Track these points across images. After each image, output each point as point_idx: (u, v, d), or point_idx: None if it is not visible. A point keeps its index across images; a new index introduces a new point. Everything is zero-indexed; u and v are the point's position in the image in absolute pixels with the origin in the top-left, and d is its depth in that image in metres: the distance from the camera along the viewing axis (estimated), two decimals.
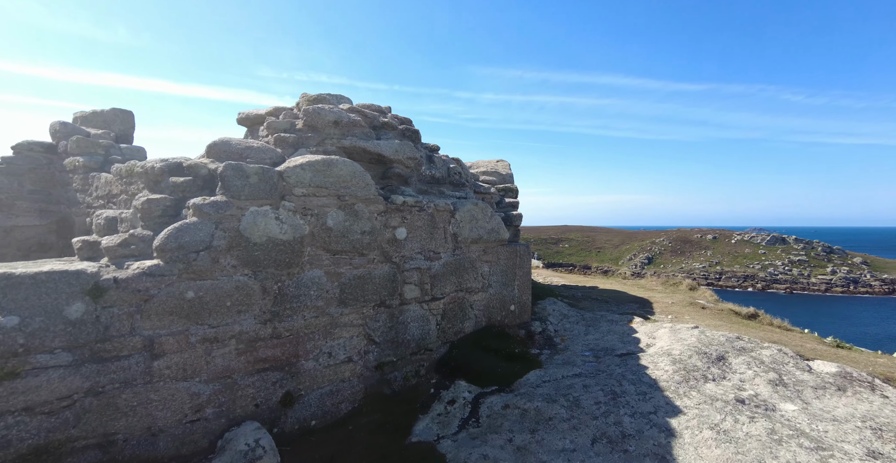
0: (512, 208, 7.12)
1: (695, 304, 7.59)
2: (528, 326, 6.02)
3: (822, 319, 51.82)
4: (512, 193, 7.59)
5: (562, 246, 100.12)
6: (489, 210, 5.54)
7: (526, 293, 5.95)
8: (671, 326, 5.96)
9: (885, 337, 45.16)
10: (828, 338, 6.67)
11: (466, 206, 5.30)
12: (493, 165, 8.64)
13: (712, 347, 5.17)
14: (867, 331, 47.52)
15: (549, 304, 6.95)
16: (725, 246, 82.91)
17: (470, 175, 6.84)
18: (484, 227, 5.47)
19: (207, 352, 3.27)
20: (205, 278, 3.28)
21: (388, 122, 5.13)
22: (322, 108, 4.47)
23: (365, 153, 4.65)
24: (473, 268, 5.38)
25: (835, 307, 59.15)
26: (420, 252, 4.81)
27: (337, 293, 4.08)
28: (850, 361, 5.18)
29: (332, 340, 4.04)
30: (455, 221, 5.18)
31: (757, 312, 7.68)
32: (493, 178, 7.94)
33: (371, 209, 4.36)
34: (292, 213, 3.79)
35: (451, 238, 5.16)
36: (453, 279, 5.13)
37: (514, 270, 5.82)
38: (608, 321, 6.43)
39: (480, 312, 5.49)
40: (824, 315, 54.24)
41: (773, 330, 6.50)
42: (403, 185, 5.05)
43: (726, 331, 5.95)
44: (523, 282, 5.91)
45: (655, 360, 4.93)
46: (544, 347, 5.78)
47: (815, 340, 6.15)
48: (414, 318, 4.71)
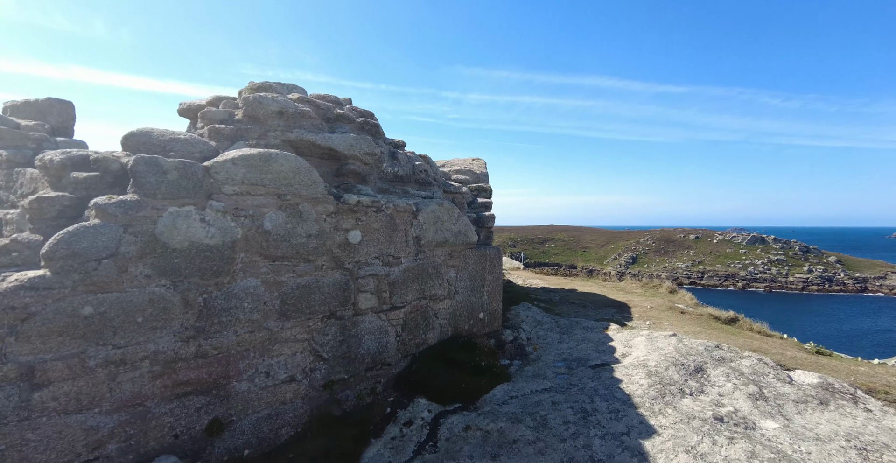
0: (484, 209, 6.75)
1: (674, 308, 7.35)
2: (499, 335, 5.65)
3: (800, 317, 53.23)
4: (485, 193, 7.22)
5: (548, 246, 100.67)
6: (455, 211, 5.15)
7: (496, 300, 5.58)
8: (648, 333, 5.67)
9: (858, 333, 46.59)
10: (808, 343, 6.49)
11: (430, 206, 4.90)
12: (468, 164, 8.27)
13: (690, 357, 4.89)
14: (842, 328, 48.94)
15: (522, 309, 6.61)
16: (707, 245, 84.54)
17: (440, 174, 6.44)
18: (450, 230, 5.08)
19: (111, 377, 2.79)
20: (109, 290, 2.80)
21: (343, 115, 4.69)
22: (264, 97, 4.01)
23: (314, 148, 4.20)
24: (438, 273, 4.99)
25: (811, 305, 60.83)
26: (377, 257, 4.39)
27: (277, 305, 3.63)
28: (830, 370, 4.97)
29: (271, 357, 3.59)
30: (418, 223, 4.77)
31: (737, 316, 7.49)
32: (467, 177, 7.56)
33: (319, 210, 3.92)
34: (221, 215, 3.33)
35: (414, 241, 4.75)
36: (415, 286, 4.73)
37: (484, 274, 5.44)
38: (583, 328, 6.11)
39: (446, 321, 5.10)
40: (802, 313, 55.72)
41: (752, 336, 6.29)
42: (360, 183, 4.62)
43: (705, 338, 5.69)
44: (493, 288, 5.54)
45: (630, 372, 4.62)
46: (515, 357, 5.42)
47: (796, 347, 5.95)
48: (370, 330, 4.29)
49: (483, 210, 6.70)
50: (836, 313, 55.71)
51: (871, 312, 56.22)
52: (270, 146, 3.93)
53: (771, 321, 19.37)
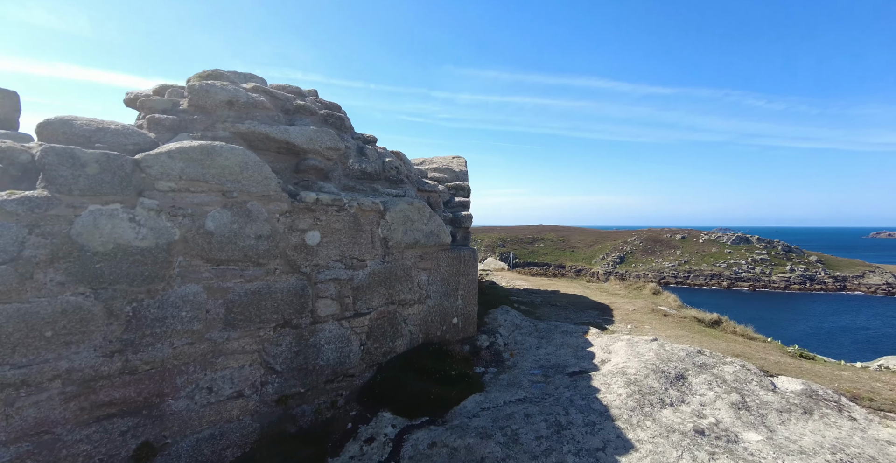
0: (462, 208, 6.48)
1: (657, 310, 7.18)
2: (474, 341, 5.38)
3: (783, 315, 54.37)
4: (463, 192, 6.95)
5: (537, 245, 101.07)
6: (427, 210, 4.86)
7: (471, 304, 5.31)
8: (629, 338, 5.46)
9: (838, 330, 47.73)
10: (791, 347, 6.37)
11: (399, 205, 4.59)
12: (447, 162, 7.98)
13: (671, 363, 4.68)
14: (822, 325, 50.11)
15: (500, 313, 6.35)
16: (693, 245, 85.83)
17: (414, 171, 6.14)
18: (421, 230, 4.78)
19: (9, 402, 2.43)
20: (7, 301, 2.43)
21: (304, 106, 4.36)
22: (212, 86, 3.66)
23: (268, 141, 3.87)
24: (408, 277, 4.69)
25: (794, 304, 62.18)
26: (339, 260, 4.07)
27: (222, 313, 3.29)
28: (814, 375, 4.81)
29: (215, 371, 3.25)
30: (385, 223, 4.47)
31: (720, 318, 7.35)
32: (445, 175, 7.28)
33: (271, 209, 3.58)
34: (155, 214, 2.98)
35: (381, 243, 4.44)
36: (382, 291, 4.42)
37: (458, 277, 5.16)
38: (562, 333, 5.88)
39: (416, 327, 4.80)
40: (785, 311, 56.93)
41: (736, 339, 6.13)
42: (322, 180, 4.29)
43: (687, 343, 5.50)
44: (468, 291, 5.26)
45: (609, 380, 4.39)
46: (490, 364, 5.16)
47: (779, 351, 5.80)
48: (330, 338, 3.97)
49: (460, 209, 6.42)
50: (817, 312, 57.06)
51: (850, 310, 57.72)
52: (219, 139, 3.58)
53: (755, 320, 19.45)
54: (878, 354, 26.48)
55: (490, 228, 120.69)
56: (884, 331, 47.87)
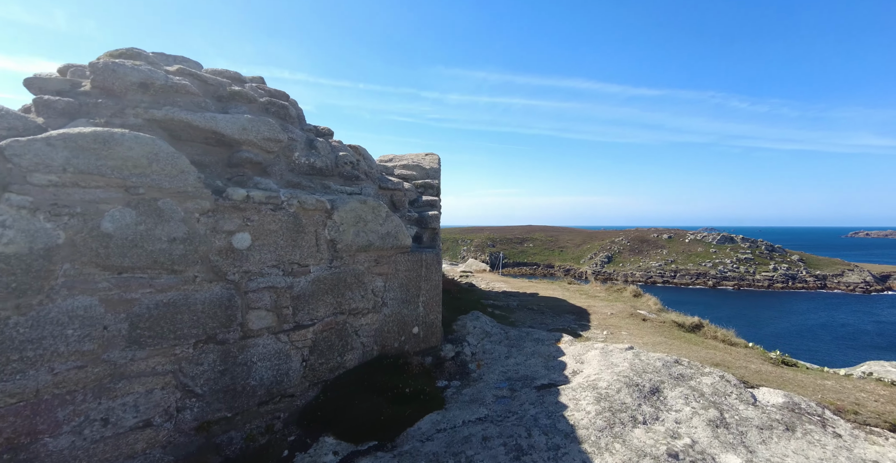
0: (429, 208, 6.05)
1: (635, 315, 6.87)
2: (438, 352, 4.96)
3: (766, 313, 55.38)
4: (432, 190, 6.53)
5: (526, 245, 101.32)
6: (383, 209, 4.42)
7: (434, 311, 4.89)
8: (603, 346, 5.11)
9: (819, 326, 48.75)
10: (773, 352, 6.10)
11: (350, 203, 4.15)
12: (418, 159, 7.56)
13: (646, 375, 4.33)
14: (805, 322, 51.16)
15: (470, 319, 5.95)
16: (680, 245, 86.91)
17: (377, 167, 5.70)
18: (376, 231, 4.35)
19: None
20: None
21: (240, 92, 3.89)
22: (120, 65, 3.17)
23: (192, 130, 3.39)
24: (360, 283, 4.25)
25: (777, 302, 63.40)
26: (276, 265, 3.61)
27: (125, 329, 2.81)
28: (796, 385, 4.51)
29: (113, 398, 2.76)
30: (333, 224, 4.02)
31: (701, 322, 7.07)
32: (413, 172, 6.85)
33: (189, 207, 3.11)
34: (28, 213, 2.49)
35: (328, 245, 3.99)
36: (329, 299, 3.97)
37: (419, 283, 4.74)
38: (534, 340, 5.50)
39: (370, 338, 4.36)
40: (768, 309, 58.03)
41: (716, 345, 5.83)
42: (261, 175, 3.83)
43: (665, 350, 5.18)
44: (431, 297, 4.85)
45: (578, 395, 4.01)
46: (455, 377, 4.75)
47: (760, 357, 5.52)
48: (264, 355, 3.50)
49: (427, 209, 6.00)
50: (798, 310, 58.32)
51: (830, 308, 59.12)
52: (129, 126, 3.09)
53: (739, 318, 19.37)
54: (857, 350, 27.03)
55: (480, 228, 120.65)
56: (861, 327, 49.07)
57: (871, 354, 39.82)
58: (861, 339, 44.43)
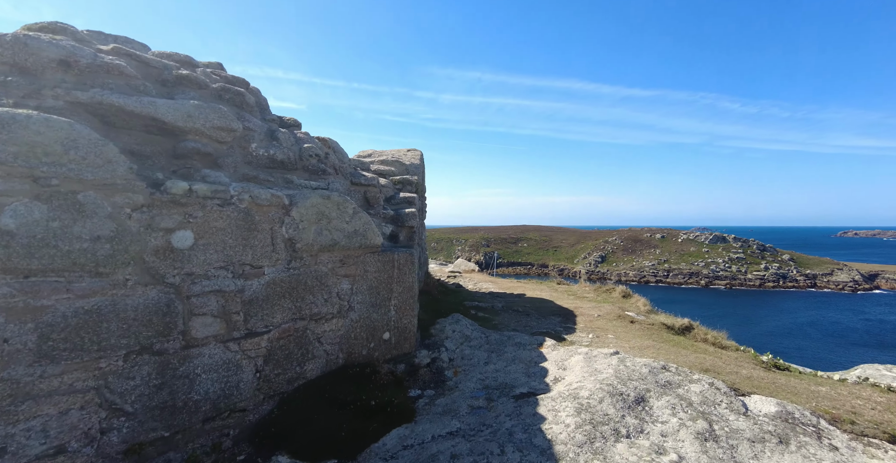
0: (407, 205, 5.74)
1: (623, 316, 6.61)
2: (412, 358, 4.65)
3: (758, 312, 55.88)
4: (410, 187, 6.21)
5: (521, 245, 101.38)
6: (349, 206, 4.10)
7: (408, 315, 4.58)
8: (587, 351, 4.83)
9: (808, 324, 49.26)
10: (765, 355, 5.87)
11: (311, 199, 3.82)
12: (399, 154, 7.25)
13: (631, 383, 4.06)
14: (795, 320, 51.70)
15: (450, 323, 5.64)
16: (673, 244, 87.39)
17: (349, 161, 5.38)
18: (341, 229, 4.02)
19: None
20: None
21: (187, 77, 3.54)
22: (35, 38, 2.81)
23: (126, 115, 3.04)
24: (323, 286, 3.92)
25: (768, 301, 63.95)
26: (225, 266, 3.28)
27: (32, 341, 2.46)
28: (789, 392, 4.26)
29: (14, 423, 2.41)
30: (291, 221, 3.69)
31: (691, 324, 6.83)
32: (391, 168, 6.53)
33: (118, 201, 2.77)
34: None
35: (285, 245, 3.66)
36: (287, 304, 3.65)
37: (391, 285, 4.42)
38: (516, 345, 5.21)
39: (335, 346, 4.04)
40: (760, 308, 58.56)
41: (706, 349, 5.58)
42: (211, 167, 3.49)
43: (652, 355, 4.91)
44: (404, 300, 4.53)
45: (558, 406, 3.72)
46: (429, 385, 4.44)
47: (752, 361, 5.27)
48: (210, 366, 3.17)
49: (405, 206, 5.68)
50: (789, 308, 58.93)
51: (820, 307, 59.79)
52: (46, 109, 2.74)
53: (732, 317, 19.12)
54: (846, 348, 27.12)
55: (474, 228, 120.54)
56: (851, 326, 49.71)
57: (861, 352, 40.27)
58: (850, 337, 44.97)
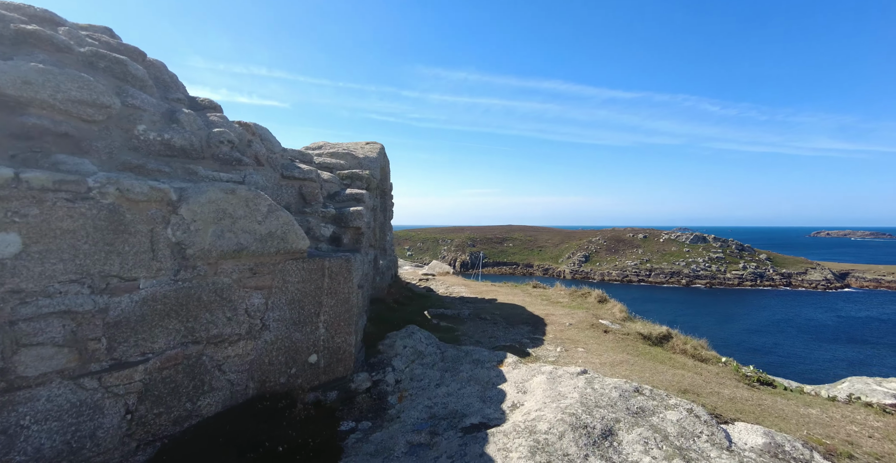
0: (353, 203, 5.04)
1: (597, 325, 6.05)
2: (347, 383, 3.96)
3: (737, 310, 57.18)
4: (360, 182, 5.52)
5: (506, 245, 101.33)
6: (263, 203, 3.39)
7: (343, 332, 3.88)
8: (552, 370, 4.23)
9: (785, 322, 50.72)
10: (748, 367, 5.39)
11: (209, 193, 3.10)
12: (354, 147, 6.54)
13: (598, 411, 3.46)
14: (773, 318, 53.11)
15: (401, 337, 4.97)
16: (654, 244, 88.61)
17: (281, 152, 4.65)
18: (251, 231, 3.31)
19: None
20: None
21: (36, 34, 2.78)
22: None
23: None
24: (226, 301, 3.20)
25: (746, 300, 65.44)
26: (78, 279, 2.53)
27: None
28: (777, 417, 3.75)
29: None
30: (180, 221, 2.96)
31: (669, 332, 6.33)
32: (341, 161, 5.82)
33: None
34: None
35: (172, 251, 2.93)
36: (174, 324, 2.92)
37: (320, 297, 3.73)
38: (473, 362, 4.58)
39: (242, 374, 3.32)
40: (739, 306, 59.89)
41: (685, 362, 5.06)
42: (72, 152, 2.74)
43: (625, 373, 4.34)
44: (338, 315, 3.84)
45: (510, 443, 3.09)
46: (366, 415, 3.76)
47: (734, 376, 4.76)
48: (47, 412, 2.42)
49: (351, 204, 4.98)
50: (767, 306, 60.48)
51: (795, 305, 61.56)
52: None
53: (712, 316, 18.72)
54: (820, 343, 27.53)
55: (460, 228, 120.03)
56: (824, 322, 51.45)
57: (834, 348, 41.57)
58: (824, 333, 46.50)
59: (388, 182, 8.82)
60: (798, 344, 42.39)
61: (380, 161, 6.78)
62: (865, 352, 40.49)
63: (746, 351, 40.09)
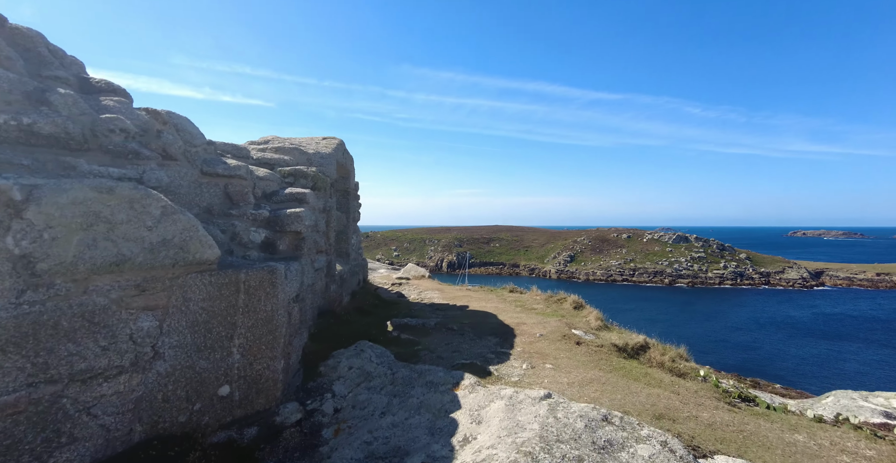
0: (294, 203, 4.45)
1: (569, 336, 5.59)
2: (271, 417, 3.37)
3: (719, 308, 58.45)
4: (305, 180, 4.92)
5: (493, 245, 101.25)
6: (155, 203, 2.78)
7: (265, 357, 3.30)
8: (513, 394, 3.72)
9: (765, 320, 52.22)
10: (729, 380, 5.00)
11: (72, 192, 2.48)
12: (304, 142, 5.93)
13: (560, 447, 2.96)
14: (753, 315, 54.52)
15: (348, 356, 4.40)
16: (638, 244, 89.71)
17: (203, 144, 4.02)
18: (138, 239, 2.70)
19: None
20: None
21: None
22: None
23: None
24: (99, 326, 2.58)
25: (727, 298, 66.87)
26: None
27: None
28: (761, 446, 3.31)
29: None
30: (27, 227, 2.34)
31: (647, 342, 5.91)
32: (286, 157, 5.21)
33: None
34: None
35: (15, 266, 2.31)
36: (13, 361, 2.29)
37: (233, 317, 3.13)
38: (427, 385, 4.03)
39: (123, 416, 2.70)
40: (721, 304, 61.14)
41: (661, 379, 4.62)
42: None
43: (593, 396, 3.86)
44: (258, 336, 3.25)
45: None
46: (291, 456, 3.18)
47: (714, 397, 4.34)
48: None
49: (289, 205, 4.39)
50: (747, 304, 62.00)
51: (774, 303, 63.25)
52: None
53: (696, 314, 18.35)
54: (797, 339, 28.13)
55: (447, 229, 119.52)
56: (801, 319, 53.15)
57: (811, 342, 43.01)
58: (801, 328, 48.15)
59: (351, 181, 8.21)
60: (777, 340, 43.61)
61: (335, 157, 6.19)
62: (841, 347, 41.94)
63: (729, 348, 40.97)
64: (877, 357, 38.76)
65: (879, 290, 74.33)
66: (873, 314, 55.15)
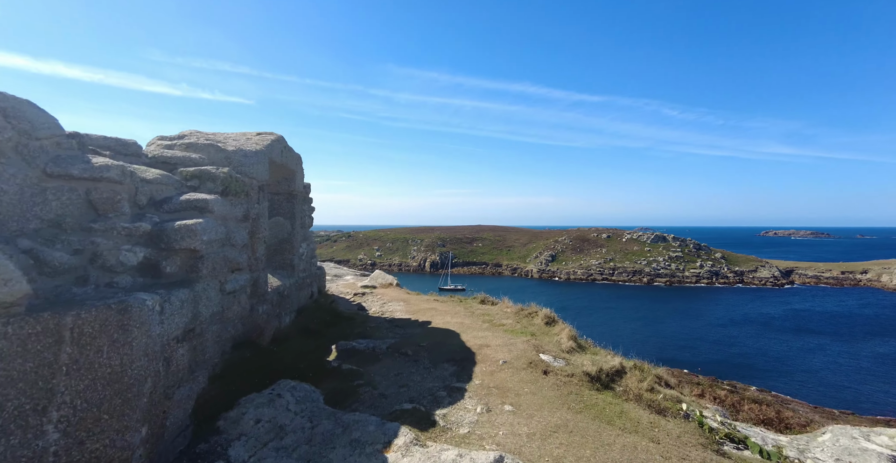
0: (192, 213, 3.54)
1: (537, 363, 4.86)
2: None
3: (697, 306, 59.84)
4: (213, 184, 4.00)
5: (476, 245, 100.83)
6: None
7: (107, 430, 2.41)
8: (455, 458, 2.94)
9: (741, 318, 53.90)
10: (715, 420, 4.36)
11: None
12: (224, 138, 5.00)
13: None
14: (729, 313, 56.09)
15: (258, 404, 3.52)
16: (618, 244, 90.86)
17: (49, 136, 3.07)
18: None
19: None
20: None
21: None
22: None
23: None
24: None
25: (704, 296, 68.49)
26: None
27: None
28: None
29: None
30: None
31: (623, 366, 5.24)
32: (199, 155, 4.29)
33: None
34: None
35: None
36: None
37: (50, 380, 2.24)
38: (351, 444, 3.21)
39: None
40: (698, 303, 62.56)
41: (639, 418, 3.93)
42: None
43: (556, 455, 3.11)
44: (96, 402, 2.37)
45: None
46: None
47: (699, 443, 3.67)
48: None
49: (183, 215, 3.48)
50: (721, 302, 63.74)
51: (748, 300, 65.24)
52: None
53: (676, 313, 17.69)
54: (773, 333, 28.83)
55: (431, 228, 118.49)
56: (774, 315, 55.27)
57: (786, 337, 44.96)
58: (774, 324, 50.20)
59: (297, 183, 7.28)
60: (754, 336, 45.08)
61: (268, 155, 5.27)
62: (812, 341, 43.79)
63: (706, 344, 42.00)
64: (842, 349, 40.70)
65: (843, 287, 77.45)
66: (837, 311, 57.67)
